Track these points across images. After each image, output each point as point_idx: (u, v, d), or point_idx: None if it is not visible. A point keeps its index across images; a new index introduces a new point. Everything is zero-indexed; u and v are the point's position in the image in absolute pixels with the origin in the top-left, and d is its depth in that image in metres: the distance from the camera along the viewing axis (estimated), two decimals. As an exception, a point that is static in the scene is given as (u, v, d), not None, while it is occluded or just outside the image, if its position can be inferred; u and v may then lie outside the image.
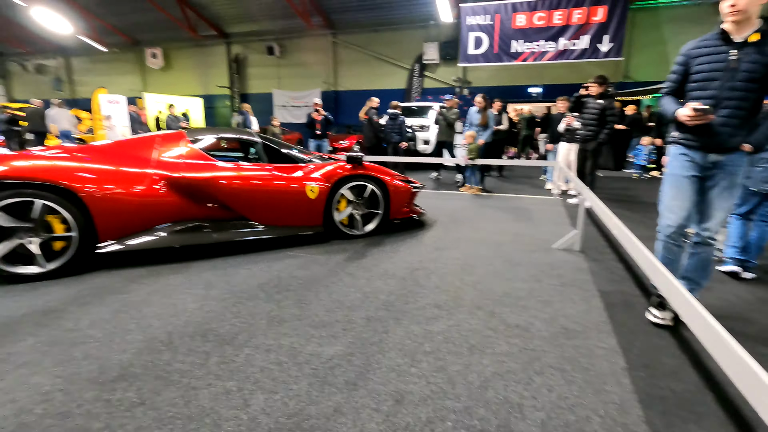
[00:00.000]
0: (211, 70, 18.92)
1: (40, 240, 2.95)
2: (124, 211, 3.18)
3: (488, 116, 6.91)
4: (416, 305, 2.59)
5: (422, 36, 15.26)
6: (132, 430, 1.52)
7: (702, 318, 1.16)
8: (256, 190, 3.61)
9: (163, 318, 2.41)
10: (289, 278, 3.04)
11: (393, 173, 4.29)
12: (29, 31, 18.96)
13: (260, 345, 2.12)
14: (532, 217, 5.10)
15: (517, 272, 3.19)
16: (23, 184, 2.84)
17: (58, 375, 1.85)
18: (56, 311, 2.49)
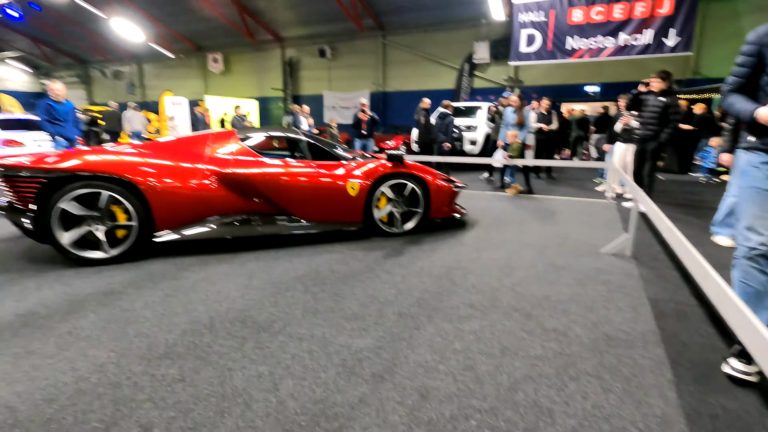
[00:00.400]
0: (267, 73, 19.74)
1: (105, 228, 3.24)
2: (179, 203, 3.41)
3: (524, 115, 6.73)
4: (450, 304, 2.56)
5: (473, 35, 15.00)
6: (171, 403, 1.63)
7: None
8: (298, 186, 3.73)
9: (207, 303, 2.55)
10: (327, 272, 3.12)
11: (435, 172, 4.26)
12: (108, 40, 20.79)
13: (294, 333, 2.19)
14: (582, 221, 4.86)
15: (560, 276, 3.05)
16: (93, 176, 3.12)
17: (112, 349, 2.02)
18: (115, 293, 2.71)
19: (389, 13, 15.77)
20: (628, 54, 9.40)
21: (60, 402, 1.64)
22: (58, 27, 21.08)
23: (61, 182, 3.07)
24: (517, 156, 6.48)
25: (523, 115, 6.69)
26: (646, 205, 2.87)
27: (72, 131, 6.08)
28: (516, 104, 6.76)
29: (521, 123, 6.70)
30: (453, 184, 4.36)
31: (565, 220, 4.87)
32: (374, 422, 1.53)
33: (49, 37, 22.81)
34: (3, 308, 2.47)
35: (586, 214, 5.27)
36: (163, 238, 3.38)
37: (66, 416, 1.55)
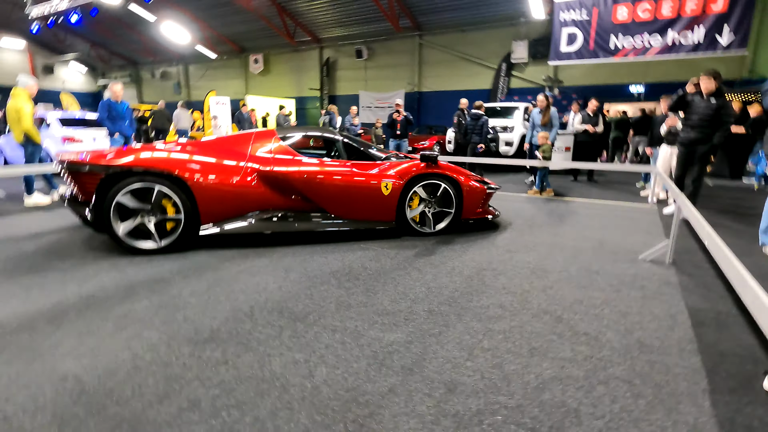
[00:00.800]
0: (305, 73, 20.19)
1: (156, 220, 3.48)
2: (222, 199, 3.61)
3: (551, 116, 6.64)
4: (480, 303, 2.59)
5: (511, 34, 14.75)
6: (216, 383, 1.77)
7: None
8: (333, 185, 3.85)
9: (247, 294, 2.71)
10: (359, 268, 3.22)
11: (468, 173, 4.28)
12: (158, 43, 21.90)
13: (328, 325, 2.29)
14: (621, 225, 4.72)
15: (594, 280, 3.01)
16: (146, 172, 3.36)
17: (163, 332, 2.20)
18: (165, 280, 2.92)
19: (426, 13, 15.76)
20: (676, 53, 8.97)
21: (119, 376, 1.81)
22: (113, 30, 22.40)
23: (118, 177, 3.33)
24: (549, 157, 6.40)
25: (549, 116, 6.62)
26: (687, 210, 2.79)
27: (128, 129, 6.51)
28: (542, 105, 6.67)
29: (547, 124, 6.65)
30: (486, 185, 4.36)
31: (603, 225, 4.75)
32: (403, 411, 1.61)
33: (104, 40, 24.29)
34: (67, 291, 2.72)
35: (625, 218, 5.12)
36: (207, 231, 3.59)
37: (125, 388, 1.72)
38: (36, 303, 2.54)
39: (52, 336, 2.15)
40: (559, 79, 14.63)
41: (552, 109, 6.76)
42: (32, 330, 2.21)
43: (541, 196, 6.64)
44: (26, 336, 2.15)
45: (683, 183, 5.25)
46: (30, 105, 5.47)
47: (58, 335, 2.15)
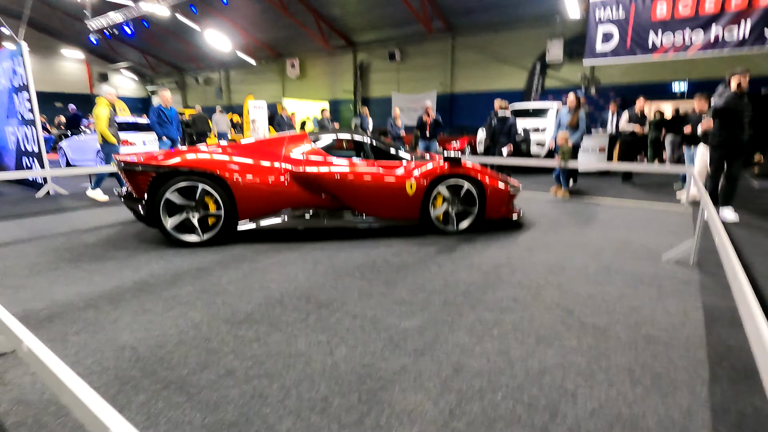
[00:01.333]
0: (339, 76, 20.64)
1: (199, 216, 3.82)
2: (258, 197, 3.90)
3: (579, 117, 6.56)
4: (494, 296, 2.72)
5: (546, 34, 14.52)
6: (249, 356, 2.01)
7: None
8: (360, 184, 4.07)
9: (278, 283, 2.96)
10: (382, 262, 3.41)
11: (492, 174, 4.38)
12: (201, 50, 23.04)
13: (349, 311, 2.50)
14: (649, 226, 4.67)
15: (611, 278, 3.06)
16: (191, 172, 3.71)
17: (205, 313, 2.48)
18: (207, 269, 3.23)
19: (459, 15, 15.77)
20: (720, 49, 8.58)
21: (168, 348, 2.09)
22: (160, 39, 23.77)
23: (167, 176, 3.69)
24: (568, 159, 6.38)
25: (578, 117, 6.56)
26: (708, 210, 2.80)
27: (175, 132, 7.03)
28: (572, 105, 6.61)
29: (575, 125, 6.60)
30: (510, 185, 4.44)
31: (631, 225, 4.72)
32: (411, 386, 1.79)
33: (153, 48, 25.79)
34: (123, 277, 3.08)
35: (655, 220, 5.04)
36: (244, 227, 3.90)
37: (173, 357, 2.00)
38: (98, 286, 2.90)
39: (112, 313, 2.47)
40: (596, 78, 14.26)
41: (581, 111, 6.69)
42: (96, 308, 2.55)
43: (560, 196, 6.66)
44: (91, 313, 2.49)
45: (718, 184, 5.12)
46: (107, 111, 6.12)
47: (117, 313, 2.48)
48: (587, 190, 7.27)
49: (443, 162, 4.19)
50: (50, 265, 3.34)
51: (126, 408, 1.64)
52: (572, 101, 6.70)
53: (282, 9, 17.16)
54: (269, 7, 17.56)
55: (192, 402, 1.67)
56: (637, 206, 5.91)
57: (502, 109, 6.94)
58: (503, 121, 6.86)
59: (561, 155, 6.35)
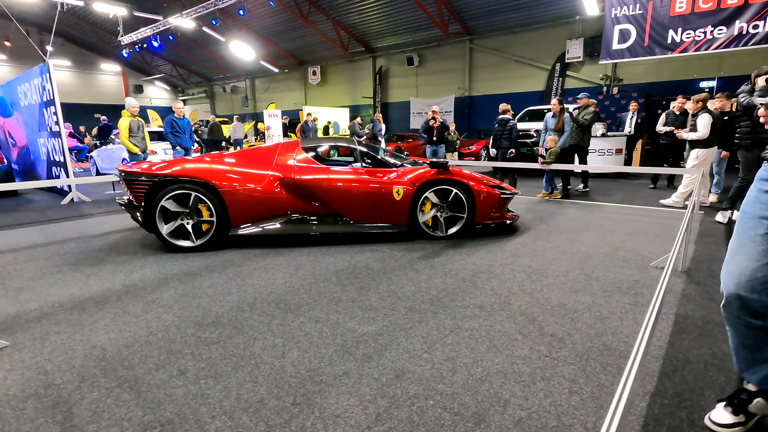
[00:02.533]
0: (359, 82, 20.90)
1: (193, 222, 4.00)
2: (249, 204, 4.04)
3: (564, 120, 6.48)
4: (461, 303, 2.73)
5: (565, 33, 14.22)
6: (205, 357, 2.11)
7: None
8: (348, 191, 4.14)
9: (256, 287, 3.07)
10: (362, 268, 3.47)
11: (481, 179, 4.36)
12: (227, 60, 23.88)
13: (314, 316, 2.57)
14: (650, 231, 4.51)
15: (588, 286, 3.00)
16: (184, 180, 3.89)
17: (178, 315, 2.61)
18: (193, 273, 3.38)
19: (477, 17, 15.67)
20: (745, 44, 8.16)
21: (134, 348, 2.22)
22: (189, 51, 24.79)
23: (162, 185, 3.88)
24: (553, 161, 6.41)
25: (563, 121, 6.48)
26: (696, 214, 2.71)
27: (188, 141, 7.35)
28: (556, 109, 6.53)
29: (560, 129, 6.54)
30: (501, 190, 4.40)
31: (630, 230, 4.57)
32: (348, 390, 1.83)
33: (183, 60, 26.92)
34: (116, 280, 3.27)
35: (659, 224, 4.86)
36: (235, 233, 4.04)
37: (135, 357, 2.12)
38: (91, 289, 3.10)
39: (95, 315, 2.64)
40: (618, 77, 13.83)
41: (565, 115, 6.60)
42: (82, 310, 2.73)
43: (550, 198, 6.77)
44: (77, 314, 2.66)
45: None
46: (127, 123, 6.54)
47: (99, 314, 2.65)
48: (597, 194, 7.08)
49: (430, 168, 4.20)
50: (54, 269, 3.58)
51: (78, 404, 1.76)
52: (555, 105, 6.62)
53: (302, 18, 17.57)
54: (290, 17, 18.03)
55: (139, 400, 1.78)
56: (644, 210, 5.71)
57: (502, 112, 6.89)
58: (503, 123, 6.80)
59: (548, 156, 6.35)
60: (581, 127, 6.96)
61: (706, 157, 5.80)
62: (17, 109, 8.93)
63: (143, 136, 6.79)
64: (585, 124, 6.92)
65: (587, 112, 7.01)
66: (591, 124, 6.97)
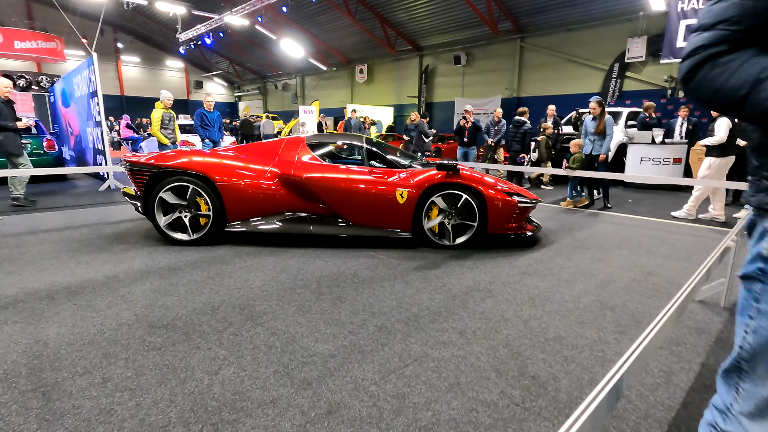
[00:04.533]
0: (404, 81, 20.62)
1: (191, 215, 3.92)
2: (246, 199, 3.91)
3: (606, 124, 5.78)
4: (441, 326, 2.38)
5: (626, 31, 13.08)
6: (137, 365, 1.94)
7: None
8: (348, 190, 3.89)
9: (230, 289, 2.90)
10: (349, 276, 3.20)
11: (494, 184, 3.93)
12: (279, 58, 24.51)
13: (272, 327, 2.34)
14: (696, 255, 3.86)
15: (600, 317, 2.53)
16: (182, 172, 3.82)
17: (137, 314, 2.48)
18: (176, 269, 3.28)
19: (529, 14, 14.85)
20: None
21: (74, 347, 2.10)
22: (244, 49, 25.73)
23: (161, 176, 3.84)
24: (578, 168, 5.93)
25: (604, 124, 5.79)
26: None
27: (216, 135, 7.44)
28: (596, 112, 5.85)
29: (602, 132, 5.92)
30: (520, 198, 3.96)
31: (671, 252, 3.95)
32: (265, 423, 1.57)
33: (239, 57, 28.01)
34: (102, 270, 3.23)
35: (710, 247, 4.17)
36: (231, 229, 3.92)
37: (69, 358, 1.99)
38: (73, 277, 3.07)
39: (60, 306, 2.58)
40: (685, 80, 12.50)
41: (607, 117, 5.92)
42: (51, 299, 2.68)
43: (575, 207, 6.28)
44: (44, 304, 2.62)
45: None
46: (159, 114, 6.74)
47: (64, 306, 2.58)
48: (643, 207, 6.32)
49: (438, 170, 3.85)
50: (52, 255, 3.63)
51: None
52: (595, 107, 5.98)
53: (349, 16, 17.57)
54: (338, 15, 18.10)
55: (42, 410, 1.63)
56: (693, 230, 4.97)
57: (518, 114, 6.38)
58: (518, 126, 6.27)
59: (570, 162, 5.77)
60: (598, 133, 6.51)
61: (719, 167, 5.38)
62: (73, 100, 9.55)
63: (173, 128, 6.95)
64: None
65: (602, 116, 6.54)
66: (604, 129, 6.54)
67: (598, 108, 5.93)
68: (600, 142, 5.97)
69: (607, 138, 5.87)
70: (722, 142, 5.28)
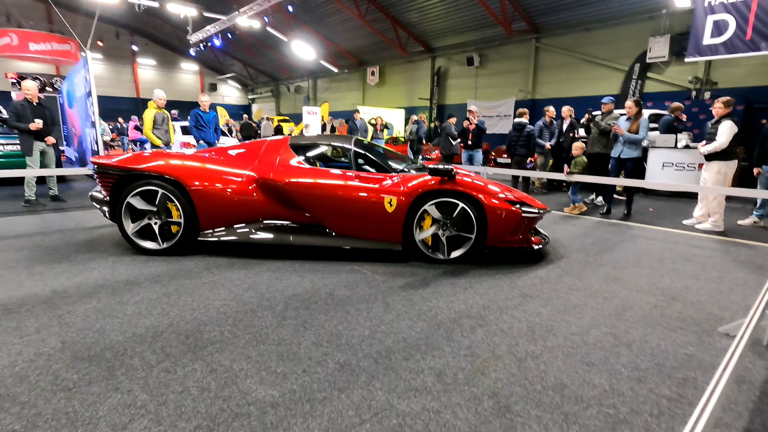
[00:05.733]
0: (416, 83, 20.21)
1: (161, 222, 3.59)
2: (220, 206, 3.56)
3: (640, 125, 5.41)
4: (415, 365, 1.97)
5: (648, 30, 12.43)
6: (32, 415, 1.59)
7: None
8: (330, 197, 3.51)
9: (183, 310, 2.54)
10: (324, 295, 2.81)
11: (494, 192, 3.49)
12: (291, 60, 24.38)
13: (214, 362, 1.96)
14: (730, 276, 3.36)
15: (612, 357, 2.08)
16: (150, 175, 3.49)
17: (64, 340, 2.14)
18: (134, 283, 2.94)
19: (545, 13, 14.30)
20: None
21: (-28, 384, 1.76)
22: (257, 51, 25.72)
23: (129, 179, 3.52)
24: (580, 172, 5.59)
25: (638, 125, 5.30)
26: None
27: (212, 136, 7.16)
28: (631, 112, 5.37)
29: (635, 132, 5.48)
30: (525, 207, 3.51)
31: (700, 271, 3.45)
32: None
33: (251, 60, 28.04)
34: (53, 284, 2.92)
35: (747, 266, 3.65)
36: (204, 238, 3.58)
37: (-47, 401, 1.65)
38: (19, 291, 2.76)
39: (-15, 328, 2.25)
40: (711, 80, 11.82)
41: (642, 117, 5.44)
42: (-20, 319, 2.36)
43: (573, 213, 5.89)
44: (-30, 324, 2.29)
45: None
46: (152, 114, 6.50)
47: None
48: (668, 217, 5.78)
49: (430, 175, 3.44)
50: (9, 264, 3.34)
51: None
52: (631, 106, 5.54)
53: (359, 17, 17.28)
54: (349, 15, 17.83)
55: None
56: (727, 246, 4.43)
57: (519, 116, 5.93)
58: (520, 129, 5.81)
59: (572, 166, 5.33)
60: (603, 133, 6.30)
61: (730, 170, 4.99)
62: (75, 101, 9.45)
63: (167, 129, 6.69)
64: (608, 129, 6.22)
65: (611, 117, 6.36)
66: None
67: (634, 107, 5.52)
68: (631, 145, 5.52)
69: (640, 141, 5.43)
70: (721, 148, 4.82)
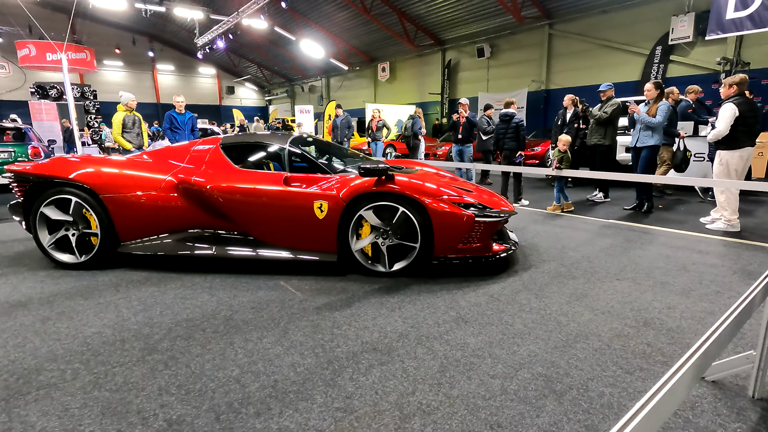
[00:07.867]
0: (427, 77, 19.62)
1: (78, 233, 3.28)
2: (137, 214, 3.22)
3: (659, 109, 4.78)
4: (263, 426, 1.53)
5: (670, 9, 11.43)
6: None
7: None
8: (255, 203, 3.10)
9: (45, 341, 2.19)
10: (220, 320, 2.40)
11: (442, 193, 2.98)
12: (304, 60, 24.23)
13: (17, 417, 1.59)
14: (729, 290, 2.74)
15: (531, 417, 1.57)
16: (63, 183, 3.19)
17: None
18: (22, 304, 2.63)
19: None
20: None
21: None
22: (269, 53, 25.73)
23: (42, 187, 3.23)
24: (566, 167, 5.12)
25: (656, 109, 4.64)
26: None
27: (188, 138, 6.89)
28: (651, 95, 4.70)
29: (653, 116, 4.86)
30: (480, 210, 2.99)
31: (691, 284, 2.83)
32: None
33: (266, 62, 28.11)
34: (-64, 304, 2.64)
35: (748, 274, 3.01)
36: (125, 250, 3.25)
37: None
38: None
39: None
40: (743, 60, 10.72)
41: (662, 104, 4.77)
42: None
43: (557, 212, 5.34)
44: None
45: None
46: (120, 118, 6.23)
47: None
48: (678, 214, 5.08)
49: (361, 175, 2.97)
50: None
51: None
52: (650, 89, 4.88)
53: (364, 11, 16.85)
54: (355, 11, 17.43)
55: None
56: (735, 249, 3.75)
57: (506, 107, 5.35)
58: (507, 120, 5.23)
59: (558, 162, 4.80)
60: (600, 122, 5.85)
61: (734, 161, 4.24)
62: (70, 107, 9.47)
63: (139, 132, 6.46)
64: (603, 118, 5.80)
65: (611, 104, 5.85)
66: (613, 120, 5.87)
67: (654, 90, 4.95)
68: (648, 132, 4.94)
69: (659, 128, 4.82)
70: (723, 135, 4.16)
